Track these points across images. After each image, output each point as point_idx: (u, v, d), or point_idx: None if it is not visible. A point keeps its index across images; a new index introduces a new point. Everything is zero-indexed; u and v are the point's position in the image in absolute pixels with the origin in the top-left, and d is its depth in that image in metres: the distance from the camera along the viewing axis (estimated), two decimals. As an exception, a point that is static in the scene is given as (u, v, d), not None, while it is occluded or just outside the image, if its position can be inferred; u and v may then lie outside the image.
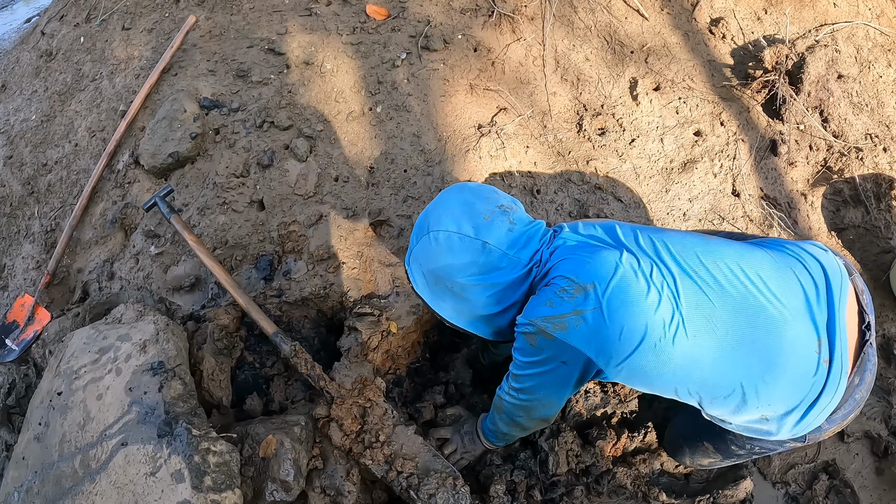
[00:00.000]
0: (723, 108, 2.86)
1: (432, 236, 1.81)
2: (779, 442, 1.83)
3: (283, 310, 2.46)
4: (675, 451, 2.38)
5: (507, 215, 1.83)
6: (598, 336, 1.65)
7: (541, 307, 1.71)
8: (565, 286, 1.68)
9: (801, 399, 1.65)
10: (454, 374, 2.54)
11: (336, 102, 2.63)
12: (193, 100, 2.75)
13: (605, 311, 1.63)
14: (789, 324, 1.63)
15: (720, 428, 1.89)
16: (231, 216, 2.55)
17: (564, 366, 1.73)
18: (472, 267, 1.79)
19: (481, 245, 1.77)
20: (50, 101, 3.29)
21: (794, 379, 1.63)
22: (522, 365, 1.82)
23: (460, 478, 2.08)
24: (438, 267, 1.82)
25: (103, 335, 2.41)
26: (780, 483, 2.56)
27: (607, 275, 1.66)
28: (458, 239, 1.78)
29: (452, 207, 1.83)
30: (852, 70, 2.97)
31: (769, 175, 2.86)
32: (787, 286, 1.68)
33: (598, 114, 2.74)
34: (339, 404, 2.15)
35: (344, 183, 2.53)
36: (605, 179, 2.66)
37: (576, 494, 2.31)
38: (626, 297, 1.63)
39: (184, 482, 1.90)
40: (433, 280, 1.87)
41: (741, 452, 2.04)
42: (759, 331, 1.62)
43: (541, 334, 1.70)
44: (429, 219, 1.85)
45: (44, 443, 2.20)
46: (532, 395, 1.86)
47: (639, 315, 1.62)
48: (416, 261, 1.89)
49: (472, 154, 2.54)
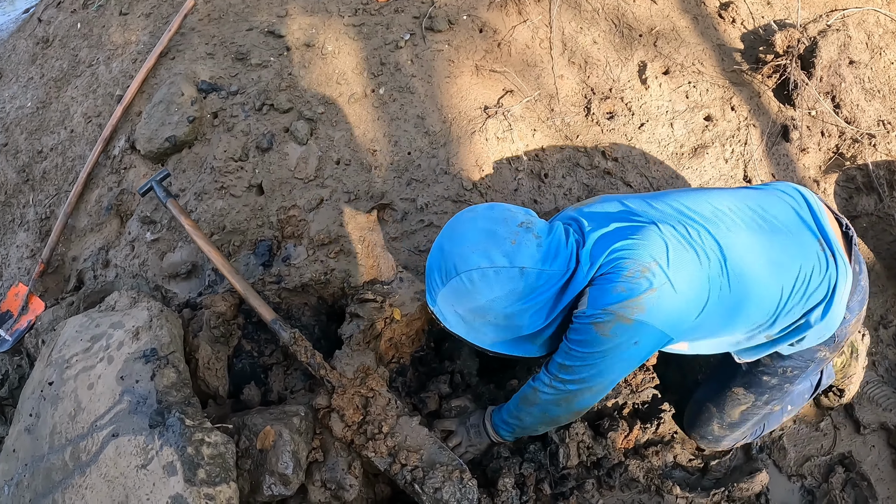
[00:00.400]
0: (733, 93, 2.73)
1: (464, 277, 1.74)
2: (811, 352, 1.96)
3: (283, 296, 2.32)
4: (703, 423, 2.28)
5: (531, 231, 1.79)
6: (673, 309, 1.67)
7: (613, 294, 1.66)
8: (631, 269, 1.66)
9: (825, 290, 1.82)
10: (460, 363, 2.40)
11: (338, 84, 2.50)
12: (191, 83, 2.62)
13: (673, 284, 1.65)
14: (794, 234, 1.84)
15: (747, 367, 2.06)
16: (229, 201, 2.41)
17: (636, 347, 1.70)
18: (512, 295, 1.74)
19: (519, 272, 1.72)
20: (46, 87, 3.16)
21: (814, 274, 1.81)
22: (582, 356, 1.74)
23: (467, 471, 1.95)
24: (478, 306, 1.76)
25: (96, 323, 2.28)
26: (796, 476, 2.44)
27: (661, 249, 1.69)
28: (493, 273, 1.72)
29: (475, 240, 1.76)
30: (863, 56, 2.84)
31: (781, 161, 2.73)
32: (780, 208, 1.89)
33: (607, 97, 2.61)
34: (341, 394, 2.02)
35: (346, 166, 2.40)
36: (614, 164, 2.53)
37: (587, 488, 2.18)
38: (684, 265, 1.68)
39: (176, 475, 1.77)
40: (471, 317, 1.82)
41: (773, 381, 2.06)
42: (778, 246, 1.80)
43: (618, 321, 1.65)
44: (453, 259, 1.77)
45: (34, 434, 2.08)
46: (586, 384, 1.79)
47: (699, 277, 1.69)
48: (446, 301, 1.83)
49: (479, 136, 2.40)
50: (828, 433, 2.53)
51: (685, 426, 2.37)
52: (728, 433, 2.26)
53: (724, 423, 2.22)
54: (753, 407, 2.15)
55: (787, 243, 1.82)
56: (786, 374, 2.04)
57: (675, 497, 2.25)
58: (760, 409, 2.16)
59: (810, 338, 1.89)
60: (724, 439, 2.29)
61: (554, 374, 1.84)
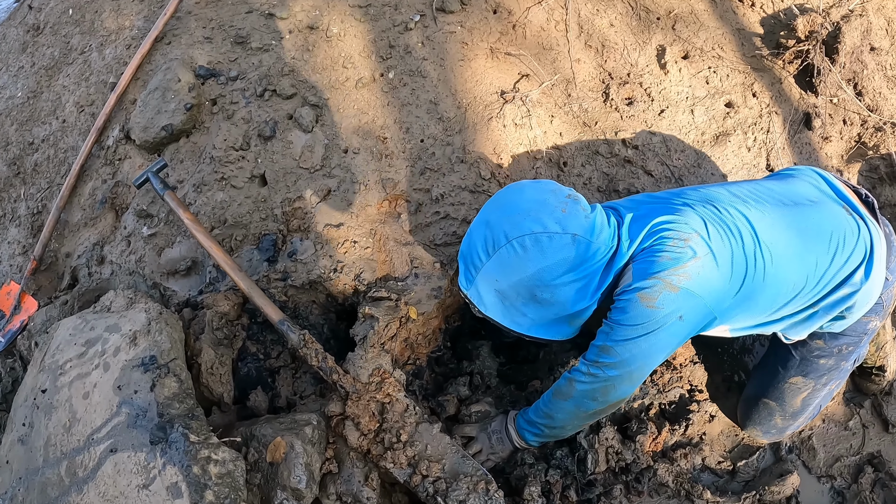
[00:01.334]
0: (754, 79, 2.50)
1: (516, 244, 1.64)
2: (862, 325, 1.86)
3: (289, 294, 2.07)
4: (763, 419, 2.12)
5: (578, 203, 1.72)
6: (716, 279, 1.60)
7: (659, 263, 1.59)
8: (674, 239, 1.60)
9: (864, 250, 1.75)
10: (479, 363, 2.16)
11: (344, 68, 2.23)
12: (188, 69, 2.35)
13: (715, 256, 1.60)
14: (819, 204, 1.81)
15: (801, 353, 1.95)
16: (230, 193, 2.15)
17: (679, 322, 1.60)
18: (563, 265, 1.65)
19: (571, 239, 1.64)
20: (37, 76, 2.88)
21: (848, 237, 1.74)
22: (625, 333, 1.62)
23: (493, 482, 1.72)
24: (527, 276, 1.66)
25: (90, 325, 2.03)
26: (826, 477, 2.24)
27: (700, 223, 1.64)
28: (546, 238, 1.63)
29: (526, 208, 1.68)
30: (884, 43, 2.63)
31: (803, 150, 2.52)
32: (799, 186, 1.86)
33: (625, 83, 2.36)
34: (355, 400, 1.79)
35: (354, 155, 2.13)
36: (634, 152, 2.29)
37: (614, 494, 1.97)
38: (721, 240, 1.62)
39: (181, 497, 1.54)
40: (514, 294, 1.71)
41: (830, 362, 1.95)
42: (805, 216, 1.75)
43: (665, 289, 1.57)
44: (502, 227, 1.67)
45: (28, 445, 1.85)
46: (626, 368, 1.64)
47: (736, 253, 1.63)
48: (487, 279, 1.71)
49: (496, 122, 2.15)
50: (857, 432, 2.32)
51: (741, 424, 2.20)
52: (792, 422, 2.10)
53: (787, 413, 2.06)
54: (814, 391, 2.01)
55: (814, 212, 1.78)
56: (842, 352, 1.92)
57: (706, 502, 2.04)
58: (820, 391, 2.01)
59: (859, 304, 1.79)
60: (787, 429, 2.14)
61: (593, 360, 1.68)
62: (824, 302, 1.77)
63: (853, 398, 2.41)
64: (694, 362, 2.20)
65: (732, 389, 2.28)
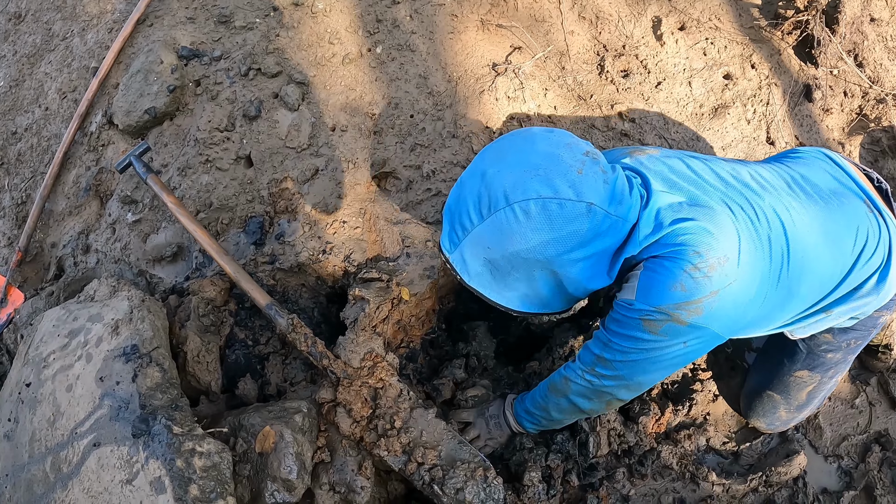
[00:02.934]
0: (753, 51, 2.37)
1: (518, 209, 1.30)
2: (872, 320, 1.73)
3: (277, 278, 1.96)
4: (768, 412, 1.99)
5: (598, 163, 1.36)
6: (732, 311, 1.37)
7: (670, 292, 1.32)
8: (697, 264, 1.31)
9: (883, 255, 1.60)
10: (476, 344, 2.05)
11: (330, 45, 2.11)
12: (171, 50, 2.23)
13: (738, 284, 1.35)
14: (842, 201, 1.60)
15: (808, 346, 1.81)
16: (215, 175, 2.04)
17: (684, 348, 1.39)
18: (573, 238, 1.33)
19: (586, 208, 1.31)
20: (18, 64, 2.75)
21: (870, 240, 1.58)
22: (624, 351, 1.42)
23: (492, 468, 1.61)
24: (528, 248, 1.33)
25: (73, 316, 1.93)
26: (833, 457, 2.14)
27: (735, 243, 1.36)
28: (556, 206, 1.29)
29: (534, 164, 1.32)
30: (884, 13, 2.51)
31: (804, 122, 2.40)
32: (818, 176, 1.65)
33: (621, 55, 2.24)
34: (347, 386, 1.68)
35: (342, 133, 2.02)
36: (631, 125, 2.18)
37: (617, 478, 1.87)
38: (754, 259, 1.39)
39: (165, 493, 1.44)
40: (507, 267, 1.39)
41: (837, 356, 1.81)
42: (831, 217, 1.55)
43: (671, 321, 1.34)
44: (502, 186, 1.32)
45: (14, 441, 1.76)
46: (623, 381, 1.49)
47: (764, 272, 1.41)
48: (476, 245, 1.38)
49: (488, 95, 2.03)
50: (863, 410, 2.22)
51: (744, 414, 2.07)
52: (796, 414, 1.98)
53: (792, 406, 1.94)
54: (820, 384, 1.90)
55: (840, 212, 1.57)
56: (850, 346, 1.80)
57: (712, 484, 1.94)
58: (827, 383, 1.90)
59: (871, 306, 1.66)
60: (792, 420, 2.02)
61: (589, 366, 1.52)
62: (838, 308, 1.62)
63: (859, 375, 2.31)
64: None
65: (736, 369, 2.17)
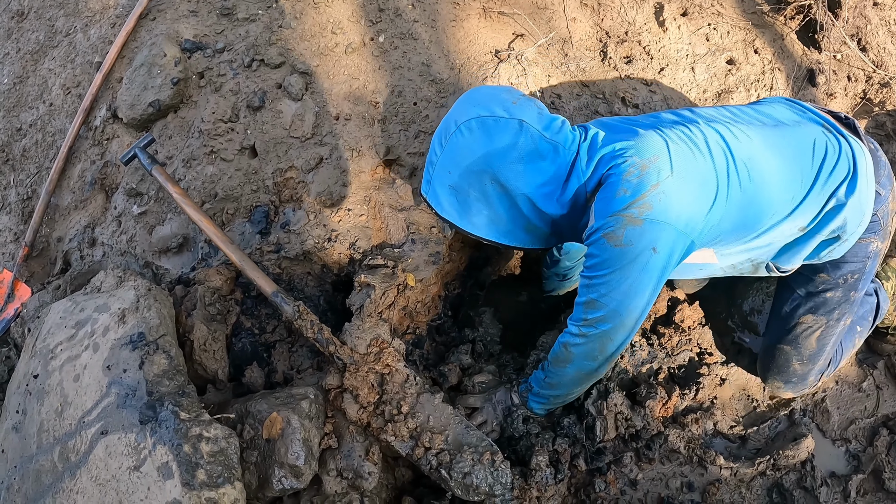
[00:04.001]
0: (755, 36, 2.36)
1: (463, 128, 1.55)
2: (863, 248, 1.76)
3: (283, 266, 1.95)
4: (782, 367, 1.97)
5: (534, 101, 1.63)
6: (682, 203, 1.48)
7: (616, 199, 1.48)
8: (630, 168, 1.49)
9: (847, 166, 1.66)
10: (482, 330, 2.04)
11: (333, 34, 2.11)
12: (174, 43, 2.23)
13: (677, 177, 1.49)
14: (797, 124, 1.72)
15: (806, 289, 1.85)
16: (220, 166, 2.04)
17: (654, 255, 1.47)
18: (512, 151, 1.54)
19: (518, 124, 1.54)
20: (22, 61, 2.75)
21: (829, 154, 1.65)
22: (604, 280, 1.51)
23: (499, 452, 1.61)
24: (475, 160, 1.55)
25: (80, 307, 1.93)
26: (841, 440, 2.12)
27: (661, 145, 1.53)
28: (492, 122, 1.54)
29: (475, 99, 1.60)
30: (886, -3, 2.49)
31: (808, 106, 2.37)
32: (776, 110, 1.78)
33: (623, 41, 2.23)
34: (353, 372, 1.67)
35: (346, 121, 2.01)
36: (634, 111, 2.17)
37: (625, 462, 1.86)
38: (686, 158, 1.52)
39: (172, 478, 1.43)
40: (467, 185, 1.59)
41: (838, 294, 1.82)
42: (783, 135, 1.66)
43: (628, 224, 1.46)
44: (453, 117, 1.60)
45: (22, 433, 1.75)
46: (617, 317, 1.53)
47: (704, 170, 1.53)
48: (442, 173, 1.61)
49: (491, 82, 2.02)
50: (870, 394, 2.20)
51: (763, 377, 2.07)
52: (811, 366, 1.95)
53: (804, 357, 1.92)
54: (827, 328, 1.88)
55: (794, 131, 1.69)
56: (847, 281, 1.81)
57: (720, 468, 1.93)
58: (835, 327, 1.88)
59: (850, 221, 1.68)
60: (808, 375, 1.98)
61: (580, 318, 1.58)
62: (813, 222, 1.68)
63: (866, 359, 2.30)
64: (702, 324, 2.08)
65: (743, 352, 2.16)
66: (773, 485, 1.97)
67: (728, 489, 1.92)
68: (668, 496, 1.89)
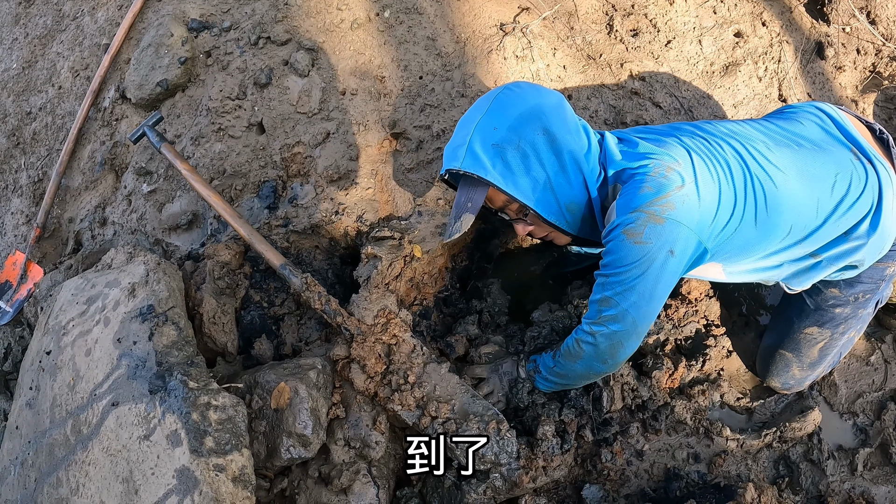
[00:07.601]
0: (763, 8, 2.34)
1: (511, 86, 1.60)
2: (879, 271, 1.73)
3: (291, 240, 1.97)
4: (781, 371, 1.97)
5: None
6: (702, 209, 1.48)
7: (641, 195, 1.47)
8: (656, 168, 1.50)
9: (871, 200, 1.62)
10: (490, 301, 2.05)
11: (338, 10, 2.11)
12: (181, 23, 2.25)
13: (698, 186, 1.49)
14: (824, 148, 1.67)
15: (816, 301, 1.82)
16: (228, 143, 2.05)
17: (671, 257, 1.46)
18: (561, 110, 1.58)
19: (560, 97, 1.61)
20: (31, 46, 2.78)
21: (853, 184, 1.61)
22: (619, 279, 1.50)
23: (505, 421, 1.62)
24: (526, 109, 1.55)
25: (91, 283, 1.96)
26: (848, 414, 2.11)
27: (685, 154, 1.54)
28: (542, 87, 1.62)
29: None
30: (896, -31, 2.45)
31: (816, 80, 2.37)
32: (805, 128, 1.73)
33: (629, 14, 2.22)
34: (360, 342, 1.69)
35: (352, 96, 2.02)
36: (641, 84, 2.16)
37: (631, 432, 1.87)
38: (707, 171, 1.52)
39: (181, 445, 1.45)
40: (516, 136, 1.54)
41: (846, 311, 1.81)
42: (808, 158, 1.63)
43: (650, 221, 1.45)
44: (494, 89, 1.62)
45: (35, 409, 1.80)
46: (629, 317, 1.50)
47: (724, 186, 1.53)
48: (483, 134, 1.55)
49: (496, 55, 2.02)
50: (878, 367, 2.19)
51: (760, 375, 2.06)
52: (809, 373, 1.95)
53: (804, 364, 1.92)
54: (831, 341, 1.87)
55: (818, 156, 1.64)
56: (858, 300, 1.78)
57: (726, 439, 1.93)
58: (838, 340, 1.87)
59: (868, 257, 1.66)
60: (806, 380, 1.99)
61: (594, 315, 1.55)
62: (828, 252, 1.65)
63: (874, 333, 2.28)
64: (709, 296, 2.08)
65: (750, 325, 2.16)
66: (779, 457, 1.97)
67: (734, 460, 1.92)
68: (675, 467, 1.90)
